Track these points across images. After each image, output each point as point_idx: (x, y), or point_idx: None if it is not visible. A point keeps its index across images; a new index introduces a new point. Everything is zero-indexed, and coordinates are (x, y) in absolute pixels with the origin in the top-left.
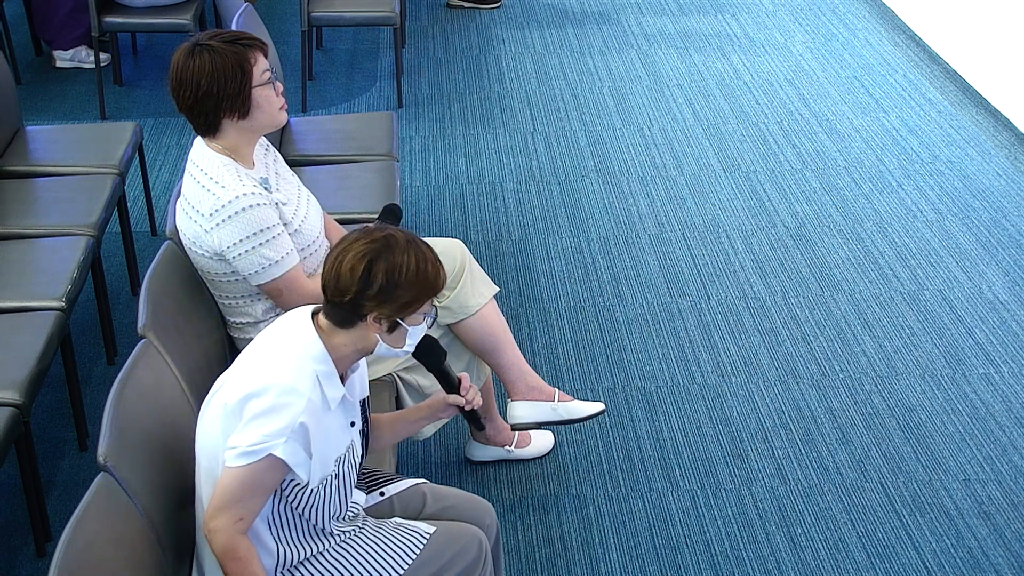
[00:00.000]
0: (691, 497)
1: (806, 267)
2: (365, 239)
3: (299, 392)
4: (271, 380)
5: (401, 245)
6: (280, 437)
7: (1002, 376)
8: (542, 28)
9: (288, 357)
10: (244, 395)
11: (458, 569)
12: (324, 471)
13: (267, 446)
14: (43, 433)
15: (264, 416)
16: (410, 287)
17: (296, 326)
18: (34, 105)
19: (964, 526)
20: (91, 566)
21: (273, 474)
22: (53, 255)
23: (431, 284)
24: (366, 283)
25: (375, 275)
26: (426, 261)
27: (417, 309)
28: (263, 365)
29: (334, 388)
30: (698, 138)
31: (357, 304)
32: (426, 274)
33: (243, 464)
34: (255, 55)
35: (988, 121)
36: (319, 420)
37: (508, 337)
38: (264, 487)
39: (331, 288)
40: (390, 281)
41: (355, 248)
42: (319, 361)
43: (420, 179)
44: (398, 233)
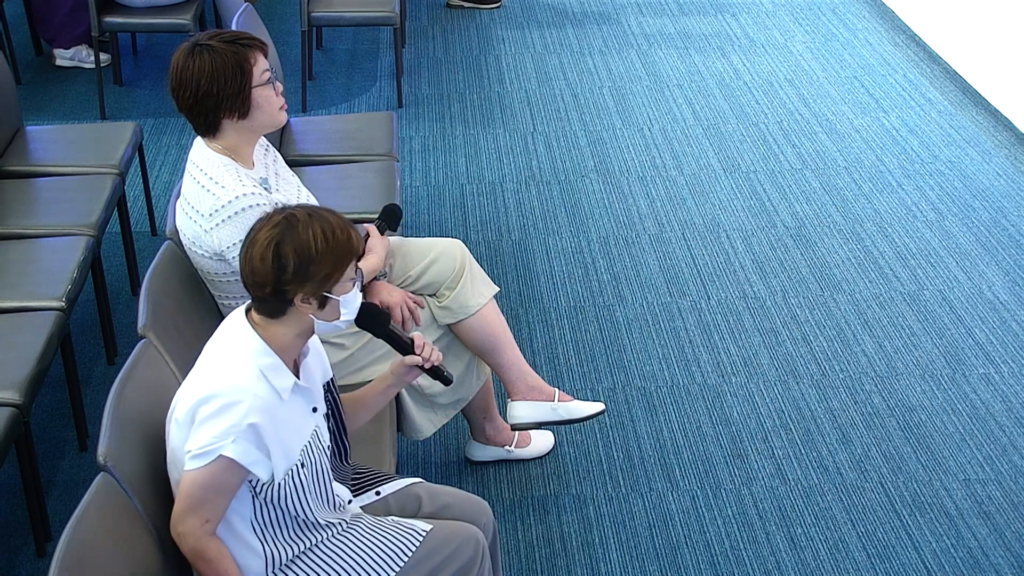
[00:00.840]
0: (691, 497)
1: (806, 267)
2: (267, 226)
3: (243, 390)
4: (215, 384)
5: (303, 221)
6: (228, 437)
7: (1002, 376)
8: (542, 28)
9: (229, 359)
10: (193, 404)
11: (454, 568)
12: (288, 462)
13: (216, 447)
14: (43, 433)
15: (212, 418)
16: (324, 259)
17: (232, 327)
18: (34, 105)
19: (964, 526)
20: (91, 566)
21: (229, 474)
22: (53, 255)
23: (345, 249)
24: (280, 268)
25: (286, 258)
26: (332, 228)
27: (340, 278)
28: (206, 372)
29: (282, 379)
30: (698, 138)
31: (279, 292)
32: (336, 241)
33: (198, 467)
34: (255, 55)
35: (988, 121)
36: (272, 414)
37: (508, 337)
38: (224, 487)
39: (250, 283)
40: (303, 259)
41: (260, 237)
42: (261, 355)
43: (420, 179)
44: (297, 211)
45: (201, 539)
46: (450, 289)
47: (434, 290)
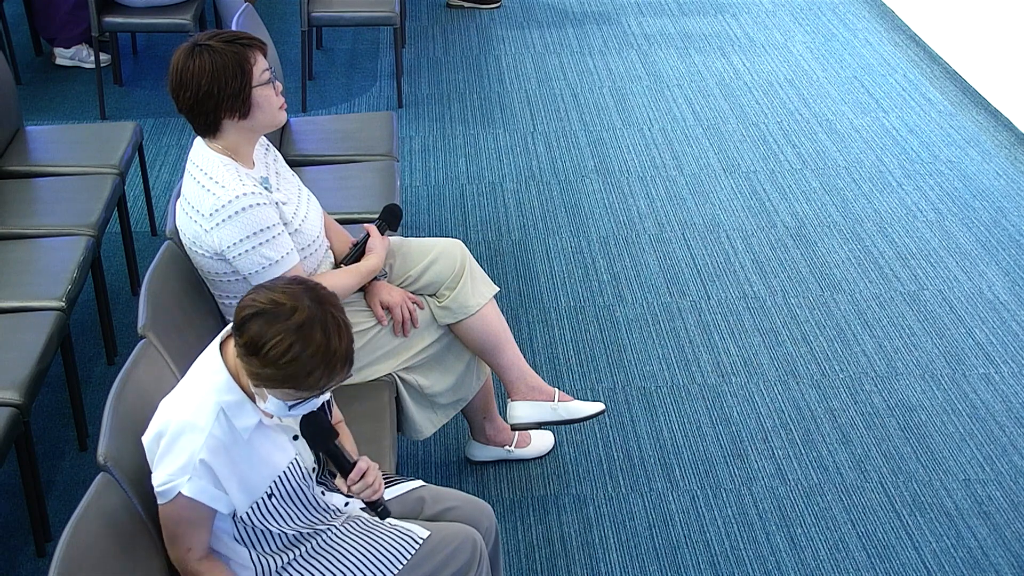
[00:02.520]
0: (691, 497)
1: (806, 267)
2: (279, 288)
3: (198, 428)
4: (172, 417)
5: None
6: (183, 475)
7: (1002, 376)
8: (542, 28)
9: (193, 391)
10: (155, 432)
11: (452, 570)
12: (251, 497)
13: (173, 485)
14: (43, 433)
15: (168, 455)
16: (267, 364)
17: (208, 356)
18: (34, 105)
19: (964, 526)
20: (91, 566)
21: (192, 510)
22: (53, 255)
23: (292, 377)
24: (242, 327)
25: (249, 328)
26: (303, 353)
27: (273, 388)
28: (172, 401)
29: (245, 418)
30: (698, 138)
31: (237, 339)
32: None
33: (163, 503)
34: (255, 55)
35: (988, 121)
36: (228, 454)
37: (508, 337)
38: (194, 520)
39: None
40: (253, 345)
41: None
42: (224, 392)
43: (420, 179)
44: (306, 310)
45: (191, 564)
46: (450, 289)
47: (434, 290)
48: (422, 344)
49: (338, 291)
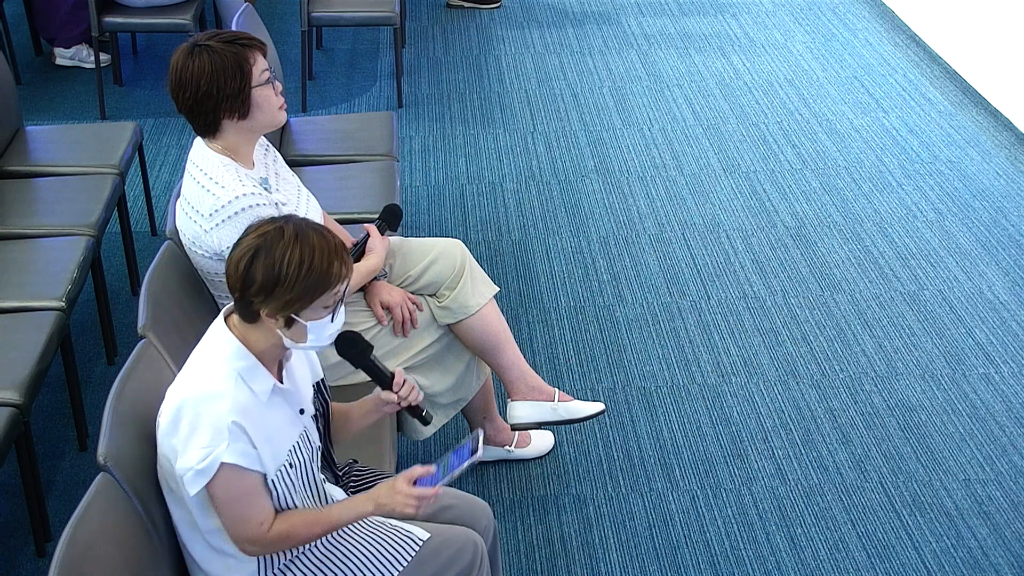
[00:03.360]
0: (691, 497)
1: (806, 267)
2: (255, 232)
3: (220, 394)
4: (193, 391)
5: (287, 239)
6: (220, 442)
7: (1002, 376)
8: (542, 28)
9: (207, 363)
10: (173, 409)
11: (454, 572)
12: (277, 461)
13: (213, 457)
14: (43, 433)
15: (196, 431)
16: (292, 284)
17: (214, 330)
18: (34, 105)
19: (964, 526)
20: (91, 566)
21: (241, 479)
22: (53, 255)
23: (319, 280)
24: (248, 280)
25: (254, 272)
26: (312, 255)
27: (308, 305)
28: (186, 377)
29: (261, 382)
30: (698, 138)
31: (247, 301)
32: (311, 269)
33: (205, 482)
34: (254, 55)
35: (988, 121)
36: (254, 415)
37: (508, 337)
38: (248, 490)
39: (228, 284)
40: (270, 278)
41: (244, 243)
42: (237, 358)
43: (420, 179)
44: (288, 226)
45: (268, 536)
46: (450, 289)
47: (434, 290)
48: (422, 344)
49: None
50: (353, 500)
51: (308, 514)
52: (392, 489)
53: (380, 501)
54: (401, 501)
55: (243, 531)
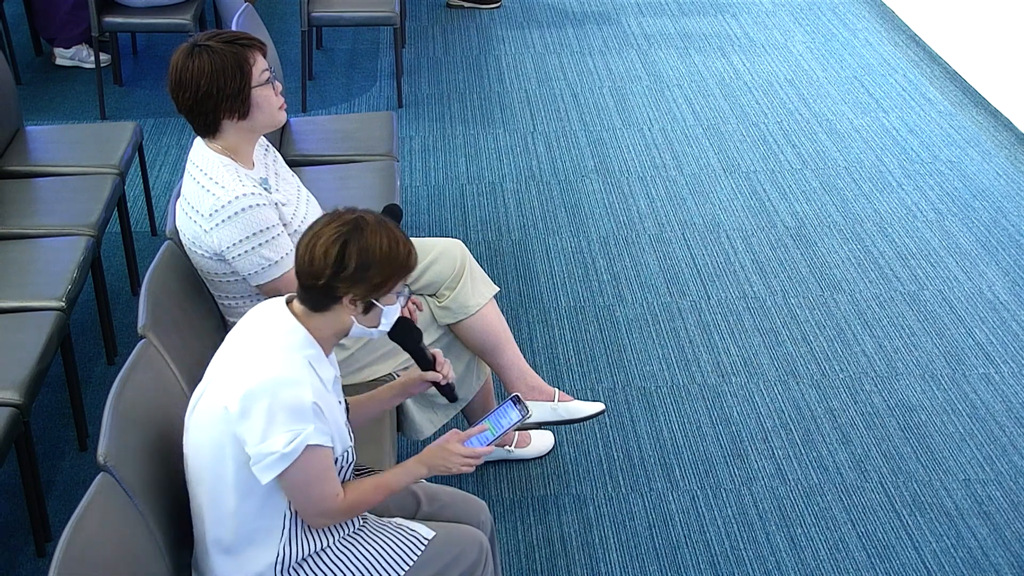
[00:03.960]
0: (691, 497)
1: (806, 267)
2: (336, 222)
3: (297, 380)
4: (266, 375)
5: (372, 226)
6: (306, 425)
7: (1002, 376)
8: (542, 28)
9: (275, 349)
10: (243, 395)
11: (459, 571)
12: (343, 443)
13: (300, 439)
14: (43, 433)
15: (277, 416)
16: (382, 267)
17: (273, 316)
18: (34, 105)
19: (964, 526)
20: (91, 566)
21: (321, 458)
22: (53, 255)
23: (403, 263)
24: (340, 265)
25: (348, 257)
26: (397, 241)
27: (391, 289)
28: (252, 362)
29: (326, 369)
30: (698, 138)
31: (331, 287)
32: (397, 253)
33: (287, 465)
34: (254, 55)
35: (988, 121)
36: (325, 400)
37: (508, 337)
38: (325, 467)
39: (304, 272)
40: (363, 262)
41: (327, 232)
42: (307, 346)
43: (420, 179)
44: (367, 215)
45: (343, 506)
46: (450, 289)
47: (434, 290)
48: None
49: None
50: (405, 465)
51: (370, 481)
52: (444, 450)
53: (433, 463)
54: (457, 461)
55: (319, 506)
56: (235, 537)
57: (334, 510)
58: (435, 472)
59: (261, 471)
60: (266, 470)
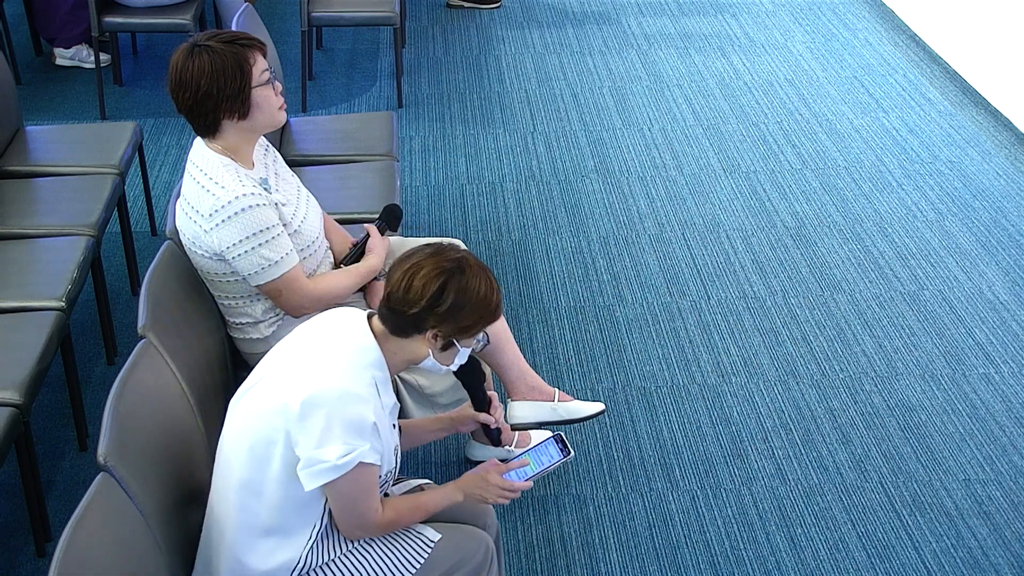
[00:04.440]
0: (691, 497)
1: (806, 267)
2: (440, 257)
3: (363, 397)
4: (334, 385)
5: (473, 269)
6: (363, 442)
7: (1002, 376)
8: (542, 28)
9: (346, 362)
10: (306, 398)
11: (464, 572)
12: (389, 465)
13: (355, 455)
14: (43, 433)
15: (335, 427)
16: (474, 311)
17: (352, 329)
18: (34, 105)
19: (964, 526)
20: (91, 566)
21: (368, 475)
22: (53, 255)
23: (492, 311)
24: (436, 300)
25: (447, 294)
26: (493, 289)
27: (475, 333)
28: (321, 368)
29: (388, 395)
30: (698, 138)
31: (421, 318)
32: (490, 301)
33: (337, 476)
34: (254, 55)
35: (988, 121)
36: (382, 422)
37: (508, 337)
38: (371, 483)
39: (399, 298)
40: (458, 303)
41: (430, 264)
42: (377, 367)
43: (420, 179)
44: (470, 257)
45: (380, 523)
46: None
47: None
48: None
49: (338, 291)
50: (444, 489)
51: (408, 500)
52: (484, 480)
53: (470, 491)
54: (495, 493)
55: (358, 520)
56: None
57: (372, 525)
58: (471, 500)
59: (308, 477)
60: (313, 477)
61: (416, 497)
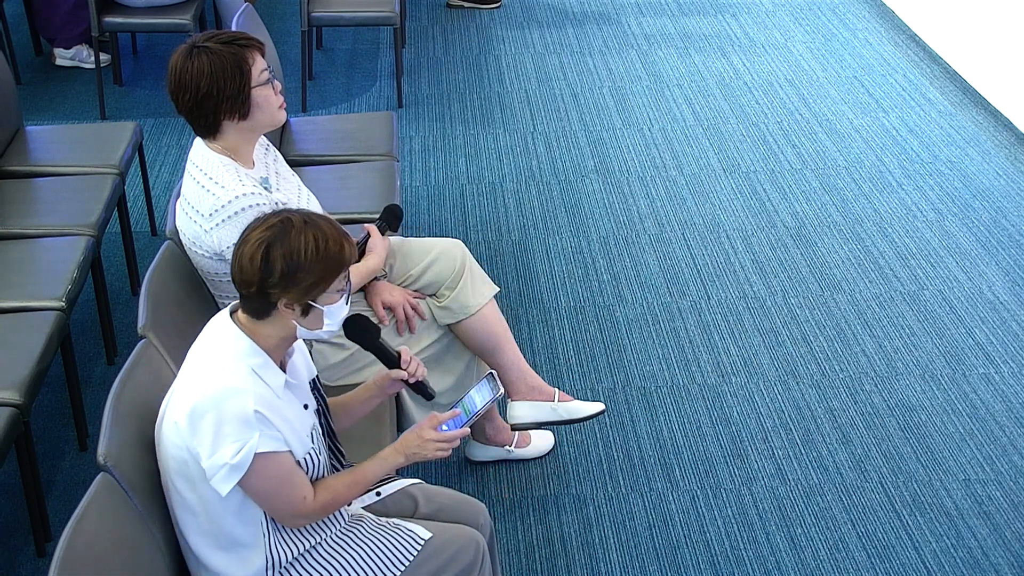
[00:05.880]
0: (691, 497)
1: (806, 267)
2: (261, 226)
3: (240, 390)
4: (210, 389)
5: (297, 227)
6: (250, 434)
7: (1002, 376)
8: (542, 28)
9: (218, 361)
10: (189, 410)
11: (455, 571)
12: (304, 448)
13: (247, 451)
14: (43, 433)
15: (223, 428)
16: (312, 268)
17: (218, 329)
18: (34, 105)
19: (964, 526)
20: (91, 566)
21: (277, 464)
22: (53, 255)
23: (335, 261)
24: (267, 271)
25: (273, 261)
26: (326, 239)
27: (326, 288)
28: (197, 376)
29: (274, 376)
30: (698, 138)
31: (264, 293)
32: (327, 252)
33: (242, 475)
34: (253, 55)
35: (988, 121)
36: (273, 406)
37: (508, 337)
38: (284, 473)
39: (238, 281)
40: (290, 265)
41: (252, 237)
42: (250, 355)
43: (420, 179)
44: (294, 215)
45: (315, 507)
46: (450, 289)
47: (434, 290)
48: (422, 344)
49: None
50: (382, 455)
51: (344, 476)
52: (419, 437)
53: (410, 451)
54: (432, 447)
55: (288, 509)
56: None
57: (306, 512)
58: (412, 460)
59: (218, 484)
60: (222, 482)
61: (353, 471)
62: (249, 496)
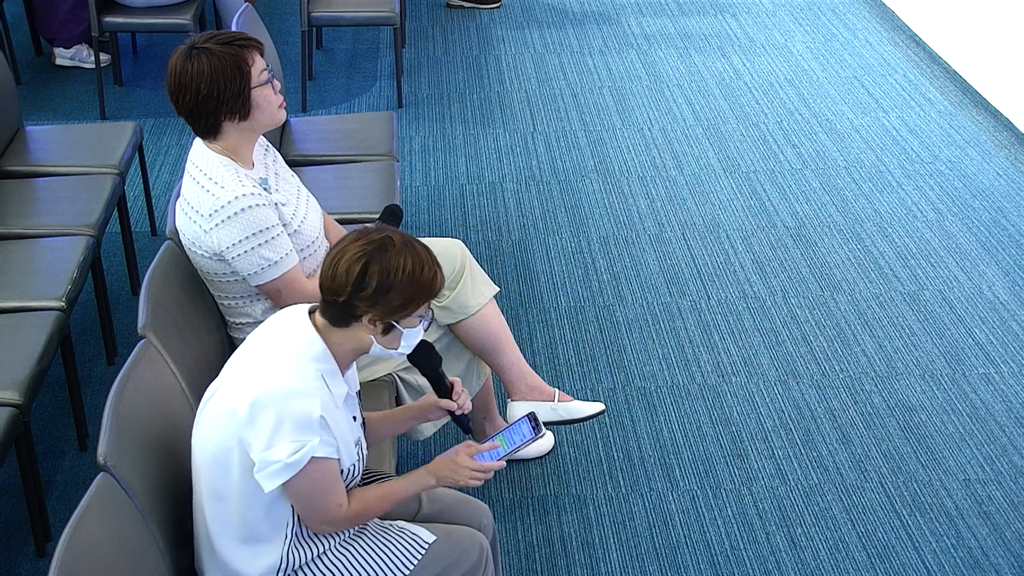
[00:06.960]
0: (691, 497)
1: (806, 267)
2: (362, 240)
3: (308, 392)
4: (278, 385)
5: (397, 247)
6: (311, 437)
7: (1002, 376)
8: (542, 28)
9: (290, 359)
10: (252, 401)
11: (459, 573)
12: (351, 458)
13: (305, 451)
14: (43, 433)
15: (284, 425)
16: (404, 290)
17: (294, 325)
18: (34, 105)
19: (964, 526)
20: (91, 566)
21: (326, 470)
22: (53, 255)
23: (426, 287)
24: (360, 285)
25: (369, 277)
26: (422, 264)
27: (412, 312)
28: (265, 368)
29: (338, 385)
30: (698, 138)
31: (351, 305)
32: (421, 277)
33: (292, 475)
34: (252, 55)
35: (988, 121)
36: (332, 415)
37: (508, 337)
38: (331, 479)
39: (327, 287)
40: (383, 283)
41: (351, 249)
42: (321, 360)
43: (420, 179)
44: (395, 235)
45: (347, 515)
46: (450, 289)
47: None
48: None
49: None
50: (415, 475)
51: (377, 489)
52: (454, 463)
53: (442, 475)
54: (466, 474)
55: (322, 515)
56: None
57: (338, 519)
58: (443, 483)
59: (265, 479)
60: (270, 478)
61: (385, 485)
62: (288, 495)
